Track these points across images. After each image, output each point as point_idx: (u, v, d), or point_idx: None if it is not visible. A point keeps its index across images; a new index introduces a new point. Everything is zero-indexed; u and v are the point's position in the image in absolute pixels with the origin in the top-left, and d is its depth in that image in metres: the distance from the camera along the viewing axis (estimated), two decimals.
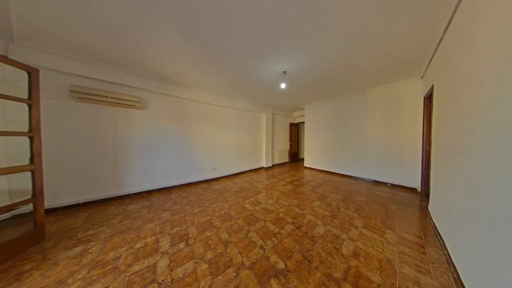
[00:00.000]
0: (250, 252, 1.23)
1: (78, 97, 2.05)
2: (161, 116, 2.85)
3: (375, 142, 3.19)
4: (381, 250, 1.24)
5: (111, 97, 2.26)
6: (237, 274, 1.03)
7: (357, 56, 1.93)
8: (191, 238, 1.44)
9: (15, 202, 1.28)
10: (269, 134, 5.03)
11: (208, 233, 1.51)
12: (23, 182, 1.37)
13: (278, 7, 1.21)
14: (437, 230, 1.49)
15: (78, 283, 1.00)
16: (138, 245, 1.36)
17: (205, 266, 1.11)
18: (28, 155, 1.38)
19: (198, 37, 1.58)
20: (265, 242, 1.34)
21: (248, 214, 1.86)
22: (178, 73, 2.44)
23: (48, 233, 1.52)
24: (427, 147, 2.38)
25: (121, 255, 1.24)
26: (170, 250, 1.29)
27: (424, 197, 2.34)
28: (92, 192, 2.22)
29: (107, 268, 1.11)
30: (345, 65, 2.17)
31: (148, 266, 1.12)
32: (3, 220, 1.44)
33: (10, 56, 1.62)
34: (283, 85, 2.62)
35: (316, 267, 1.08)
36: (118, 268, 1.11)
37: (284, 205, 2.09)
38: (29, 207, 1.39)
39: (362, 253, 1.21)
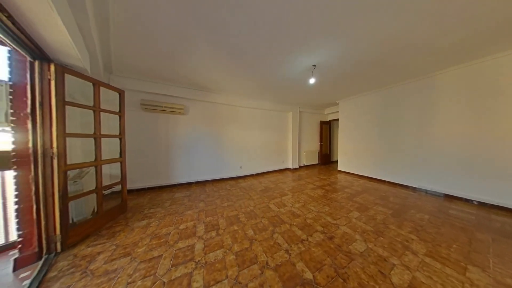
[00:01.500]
0: (275, 253, 1.24)
1: (145, 108, 2.76)
2: (198, 120, 3.35)
3: (450, 143, 2.39)
4: None
5: (164, 106, 2.89)
6: (262, 272, 1.07)
7: (416, 31, 1.52)
8: (221, 229, 1.65)
9: (113, 182, 1.91)
10: (296, 134, 4.81)
11: (235, 227, 1.67)
12: (116, 169, 2.02)
13: None
14: None
15: (144, 247, 1.39)
16: (182, 226, 1.71)
17: (232, 257, 1.22)
18: (118, 151, 2.01)
19: (227, 46, 1.76)
20: (291, 246, 1.32)
21: (273, 215, 1.88)
22: (212, 80, 2.79)
23: (128, 207, 2.17)
24: None
25: (170, 232, 1.61)
26: (204, 236, 1.53)
27: None
28: (153, 180, 2.94)
29: (161, 240, 1.48)
30: (397, 45, 1.75)
31: (188, 246, 1.40)
32: (107, 194, 2.19)
33: (111, 84, 2.38)
34: (312, 80, 2.46)
35: None
36: (168, 242, 1.45)
37: (312, 210, 1.99)
38: (119, 187, 2.03)
39: None
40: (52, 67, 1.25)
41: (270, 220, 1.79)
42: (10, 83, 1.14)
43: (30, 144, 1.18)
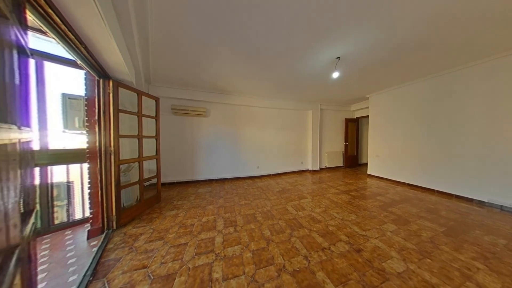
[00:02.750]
0: (292, 258, 1.21)
1: (175, 112, 3.13)
2: (218, 121, 3.58)
3: None
4: None
5: (190, 110, 3.21)
6: (279, 275, 1.05)
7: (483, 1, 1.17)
8: (238, 226, 1.73)
9: (150, 176, 2.27)
10: (316, 133, 4.49)
11: (252, 226, 1.72)
12: (152, 165, 2.38)
13: None
14: None
15: (173, 234, 1.61)
16: (204, 219, 1.89)
17: (249, 254, 1.25)
18: (154, 149, 2.36)
19: (245, 48, 1.82)
20: (310, 253, 1.26)
21: (291, 217, 1.83)
22: (230, 83, 2.93)
23: (161, 197, 2.53)
24: None
25: (194, 223, 1.80)
26: (223, 230, 1.65)
27: None
28: (180, 176, 3.32)
29: (187, 230, 1.68)
30: (460, 18, 1.37)
31: (209, 238, 1.54)
32: (147, 185, 2.61)
33: (149, 93, 2.81)
34: (335, 75, 2.27)
35: None
36: (192, 232, 1.64)
37: (335, 217, 1.84)
38: (155, 180, 2.40)
39: None
40: (111, 83, 1.58)
41: (288, 222, 1.74)
42: (85, 97, 1.51)
43: (97, 144, 1.53)
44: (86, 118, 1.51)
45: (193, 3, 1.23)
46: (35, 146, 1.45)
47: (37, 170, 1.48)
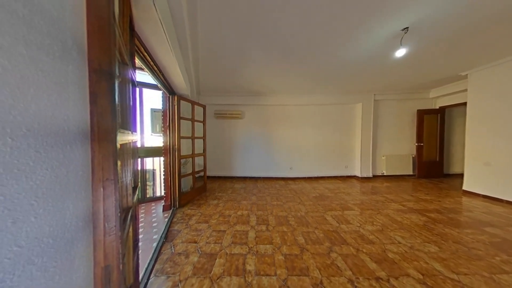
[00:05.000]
0: (332, 276, 1.06)
1: (217, 116, 3.65)
2: (252, 122, 3.79)
3: None
4: None
5: (228, 113, 3.62)
6: None
7: None
8: (270, 225, 1.76)
9: (199, 169, 2.80)
10: (368, 131, 3.61)
11: (284, 228, 1.68)
12: (200, 161, 2.91)
13: None
14: None
15: (215, 220, 1.89)
16: (239, 213, 2.08)
17: (281, 257, 1.23)
18: (202, 148, 2.88)
19: (278, 47, 1.82)
20: (358, 279, 1.04)
21: (331, 229, 1.63)
22: (263, 85, 3.03)
23: (207, 188, 3.03)
24: None
25: (231, 215, 2.03)
26: (256, 227, 1.74)
27: None
28: (221, 171, 3.83)
29: (225, 219, 1.92)
30: None
31: (243, 231, 1.68)
32: (197, 177, 3.22)
33: (199, 102, 3.45)
34: (400, 52, 1.78)
35: None
36: (229, 222, 1.85)
37: (399, 242, 1.41)
38: (202, 173, 2.91)
39: None
40: (176, 98, 2.11)
41: (326, 234, 1.56)
42: (162, 109, 2.10)
43: (168, 143, 2.09)
44: (162, 125, 2.11)
45: (231, 16, 1.40)
46: (138, 144, 2.21)
47: (139, 160, 2.25)
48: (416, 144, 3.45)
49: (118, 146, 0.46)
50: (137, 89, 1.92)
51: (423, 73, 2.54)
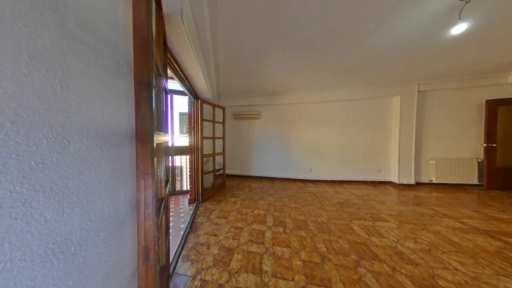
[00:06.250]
0: None
1: (235, 117, 3.79)
2: (269, 122, 3.76)
3: None
4: None
5: (246, 114, 3.71)
6: None
7: None
8: (288, 228, 1.70)
9: (219, 168, 2.97)
10: (410, 128, 2.88)
11: (303, 233, 1.58)
12: (220, 159, 3.09)
13: None
14: None
15: (233, 217, 1.97)
16: (255, 212, 2.11)
17: (299, 263, 1.15)
18: (221, 147, 3.04)
19: (296, 43, 1.75)
20: None
21: (358, 240, 1.42)
22: (281, 83, 2.97)
23: (226, 185, 3.19)
24: None
25: (248, 213, 2.07)
26: (272, 228, 1.72)
27: None
28: (239, 170, 3.96)
29: (243, 216, 1.98)
30: None
31: (260, 230, 1.70)
32: (217, 175, 3.44)
33: (220, 104, 3.67)
34: (460, 28, 1.42)
35: None
36: (246, 220, 1.90)
37: (456, 270, 1.09)
38: (221, 171, 3.09)
39: None
40: (199, 102, 2.30)
41: (353, 245, 1.38)
42: (188, 113, 2.33)
43: (192, 143, 2.30)
44: (188, 126, 2.33)
45: (248, 19, 1.43)
46: (169, 144, 2.52)
47: (169, 158, 2.56)
48: (485, 145, 2.58)
49: (155, 145, 0.54)
50: (168, 96, 2.18)
51: (495, 52, 1.89)
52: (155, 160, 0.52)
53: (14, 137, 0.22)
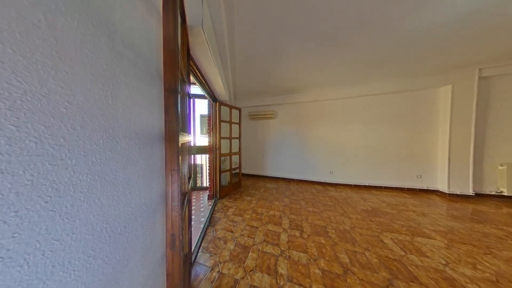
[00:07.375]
0: None
1: (251, 118, 3.85)
2: (285, 122, 3.67)
3: None
4: None
5: (261, 114, 3.72)
6: None
7: None
8: (305, 233, 1.61)
9: (235, 167, 3.08)
10: (467, 125, 2.28)
11: (322, 240, 1.46)
12: (236, 159, 3.19)
13: None
14: None
15: (249, 216, 2.00)
16: (271, 212, 2.10)
17: (317, 271, 1.08)
18: (238, 147, 3.14)
19: (316, 36, 1.65)
20: None
21: (391, 256, 1.23)
22: (298, 80, 2.85)
23: (242, 184, 3.28)
24: None
25: (263, 213, 2.08)
26: (288, 230, 1.67)
27: None
28: (254, 169, 4.01)
29: (258, 216, 1.99)
30: None
31: (275, 232, 1.68)
32: (233, 173, 3.57)
33: (236, 105, 3.80)
34: None
35: None
36: (261, 220, 1.90)
37: None
38: (237, 170, 3.18)
39: None
40: (218, 104, 2.43)
41: (383, 261, 1.18)
42: (208, 115, 2.50)
43: (211, 143, 2.46)
44: (207, 127, 2.50)
45: (264, 18, 1.43)
46: (191, 144, 2.76)
47: (192, 156, 2.81)
48: None
49: (180, 145, 0.60)
50: (191, 100, 2.39)
51: None
52: (180, 158, 0.58)
53: (82, 138, 0.28)
